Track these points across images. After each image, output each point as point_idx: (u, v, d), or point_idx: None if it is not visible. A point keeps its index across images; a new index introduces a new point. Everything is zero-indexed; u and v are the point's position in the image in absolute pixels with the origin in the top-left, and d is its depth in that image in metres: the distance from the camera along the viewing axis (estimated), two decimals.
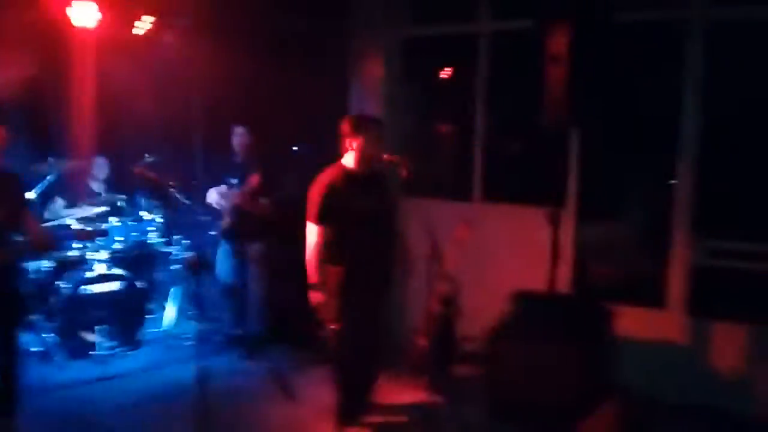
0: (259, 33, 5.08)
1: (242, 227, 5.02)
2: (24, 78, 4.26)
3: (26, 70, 4.27)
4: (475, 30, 5.29)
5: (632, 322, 4.43)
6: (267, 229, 5.05)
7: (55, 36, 4.30)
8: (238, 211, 5.00)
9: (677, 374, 4.41)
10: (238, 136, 5.05)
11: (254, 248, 5.06)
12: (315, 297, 3.65)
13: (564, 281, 4.66)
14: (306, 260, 3.68)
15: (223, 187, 5.03)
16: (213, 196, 5.03)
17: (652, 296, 4.65)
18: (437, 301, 4.47)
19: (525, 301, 4.20)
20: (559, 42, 3.83)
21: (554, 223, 4.28)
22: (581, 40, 3.77)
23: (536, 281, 4.28)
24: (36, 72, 4.36)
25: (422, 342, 4.45)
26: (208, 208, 5.10)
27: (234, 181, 5.03)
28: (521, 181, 5.30)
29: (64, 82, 4.53)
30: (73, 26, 4.24)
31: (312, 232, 3.66)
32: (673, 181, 4.55)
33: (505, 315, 4.15)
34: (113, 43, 4.38)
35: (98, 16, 4.31)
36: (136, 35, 4.67)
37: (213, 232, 5.22)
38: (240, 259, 5.07)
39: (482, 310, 4.35)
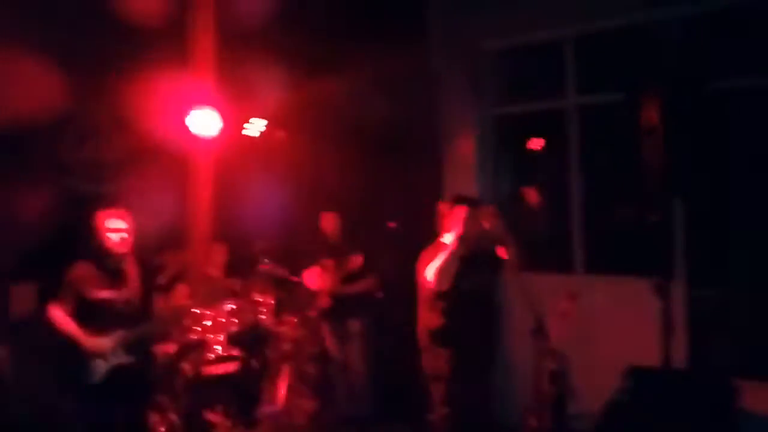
0: (354, 124, 5.43)
1: (342, 306, 5.22)
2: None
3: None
4: (562, 105, 5.38)
5: (758, 398, 4.16)
6: (367, 307, 5.23)
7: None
8: (334, 292, 5.22)
9: None
10: (330, 221, 5.36)
11: (355, 326, 5.24)
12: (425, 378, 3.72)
13: (679, 355, 4.47)
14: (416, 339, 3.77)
15: (318, 268, 5.29)
16: (311, 277, 5.29)
17: None
18: (546, 378, 4.40)
19: (639, 377, 4.06)
20: (651, 114, 3.84)
21: (662, 293, 4.17)
22: (674, 111, 3.78)
23: (648, 356, 4.14)
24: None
25: (533, 421, 4.36)
26: (306, 289, 5.36)
27: (328, 261, 5.28)
28: (625, 251, 5.20)
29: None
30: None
31: (422, 314, 3.75)
32: None
33: (619, 392, 4.02)
34: (229, 143, 4.83)
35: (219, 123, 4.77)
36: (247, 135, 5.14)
37: (310, 312, 5.44)
38: (343, 337, 5.24)
39: (593, 387, 4.24)
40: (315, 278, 5.28)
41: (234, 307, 5.37)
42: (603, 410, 3.96)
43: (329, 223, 5.40)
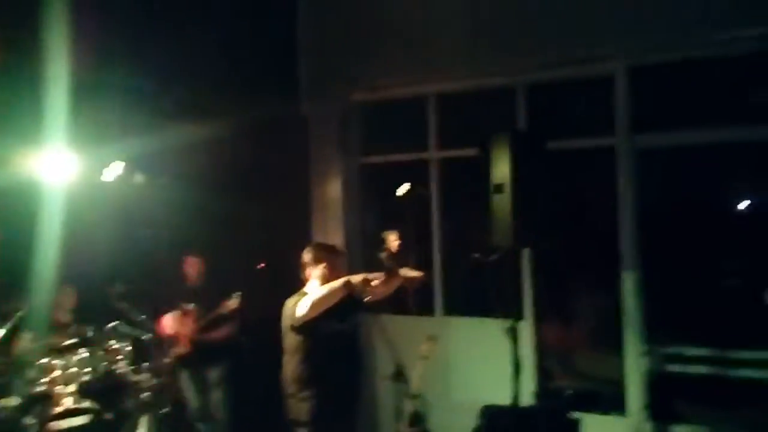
0: (221, 167, 5.41)
1: (200, 353, 5.10)
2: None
3: None
4: (425, 157, 5.68)
5: (597, 430, 4.55)
6: (227, 352, 5.14)
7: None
8: (194, 337, 5.09)
9: None
10: (193, 265, 5.26)
11: (215, 372, 5.13)
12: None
13: (528, 392, 4.79)
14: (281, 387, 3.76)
15: (177, 313, 5.14)
16: (169, 323, 5.13)
17: (614, 403, 4.81)
18: (406, 420, 4.53)
19: (491, 415, 4.30)
20: (501, 170, 4.16)
21: (512, 335, 4.46)
22: (521, 168, 4.11)
23: (503, 394, 4.40)
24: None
25: None
26: (163, 335, 5.18)
27: (189, 306, 5.15)
28: (482, 295, 5.52)
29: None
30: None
31: (286, 358, 3.76)
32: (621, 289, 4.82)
33: (474, 431, 4.23)
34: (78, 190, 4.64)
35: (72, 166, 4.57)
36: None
37: (167, 360, 5.26)
38: (201, 385, 5.11)
39: (452, 427, 4.43)
40: (172, 324, 5.12)
41: (86, 355, 5.08)
42: None
43: (192, 267, 5.29)
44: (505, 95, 5.27)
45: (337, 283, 3.67)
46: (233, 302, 5.06)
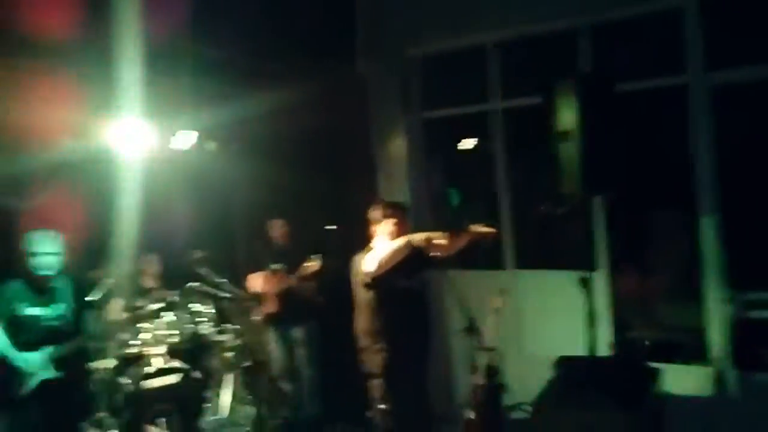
0: (286, 133, 5.48)
1: (287, 312, 5.27)
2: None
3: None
4: (487, 109, 5.58)
5: (677, 380, 4.46)
6: (311, 312, 5.29)
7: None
8: (283, 296, 5.26)
9: (727, 430, 4.40)
10: (277, 227, 5.40)
11: (300, 331, 5.29)
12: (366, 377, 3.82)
13: (604, 343, 4.73)
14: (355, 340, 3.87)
15: (265, 273, 5.32)
16: (257, 282, 5.32)
17: (694, 352, 4.69)
18: (481, 373, 4.58)
19: (567, 366, 4.28)
20: (566, 116, 4.05)
21: (586, 286, 4.41)
22: (588, 114, 3.99)
23: (577, 347, 4.37)
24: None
25: (470, 414, 4.53)
26: (252, 294, 5.38)
27: (276, 267, 5.31)
28: (553, 247, 5.46)
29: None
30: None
31: (357, 313, 3.86)
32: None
33: (550, 381, 4.23)
34: (154, 160, 4.82)
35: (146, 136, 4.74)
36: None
37: (255, 318, 5.47)
38: (287, 343, 5.29)
39: (526, 378, 4.44)
40: (261, 283, 5.30)
41: (173, 318, 5.35)
42: (536, 400, 4.16)
43: (277, 229, 5.44)
44: (567, 39, 5.10)
45: (399, 241, 3.72)
46: (314, 264, 5.19)
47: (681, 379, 4.55)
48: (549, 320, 5.11)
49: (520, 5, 5.14)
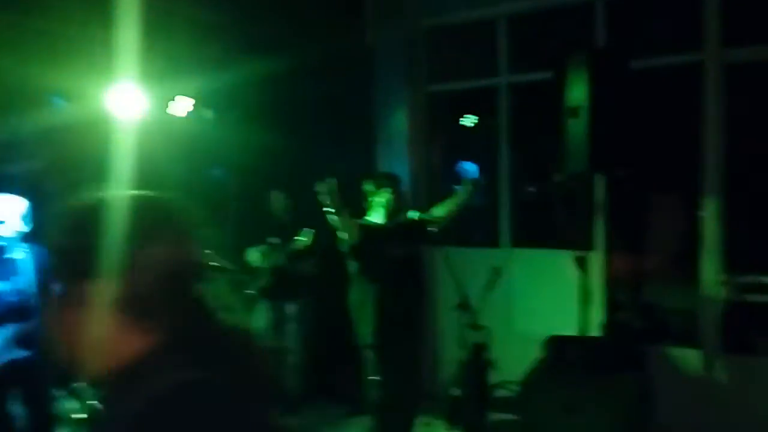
0: (284, 103, 5.40)
1: (282, 287, 5.24)
2: None
3: None
4: (494, 83, 5.48)
5: (667, 362, 4.45)
6: (306, 288, 5.27)
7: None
8: (279, 271, 5.22)
9: (715, 413, 4.39)
10: (278, 200, 5.35)
11: (293, 308, 5.28)
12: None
13: (596, 324, 4.71)
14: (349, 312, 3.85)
15: (263, 247, 5.27)
16: (254, 256, 5.27)
17: (686, 335, 4.67)
18: (469, 350, 4.57)
19: (558, 345, 4.27)
20: (577, 92, 3.98)
21: (581, 266, 4.38)
22: (599, 90, 3.92)
23: (568, 326, 4.36)
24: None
25: (456, 391, 4.53)
26: (248, 267, 5.34)
27: (274, 240, 5.27)
28: (549, 226, 5.40)
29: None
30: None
31: (351, 284, 3.84)
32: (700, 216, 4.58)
33: (539, 360, 4.22)
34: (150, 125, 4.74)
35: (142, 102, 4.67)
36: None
37: (251, 291, 5.43)
38: (278, 317, 5.28)
39: (514, 357, 4.44)
40: (258, 256, 5.25)
41: None
42: (524, 379, 4.15)
43: (277, 201, 5.38)
44: (581, 13, 4.98)
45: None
46: (305, 238, 5.14)
47: (672, 362, 4.53)
48: (540, 299, 5.08)
49: None
